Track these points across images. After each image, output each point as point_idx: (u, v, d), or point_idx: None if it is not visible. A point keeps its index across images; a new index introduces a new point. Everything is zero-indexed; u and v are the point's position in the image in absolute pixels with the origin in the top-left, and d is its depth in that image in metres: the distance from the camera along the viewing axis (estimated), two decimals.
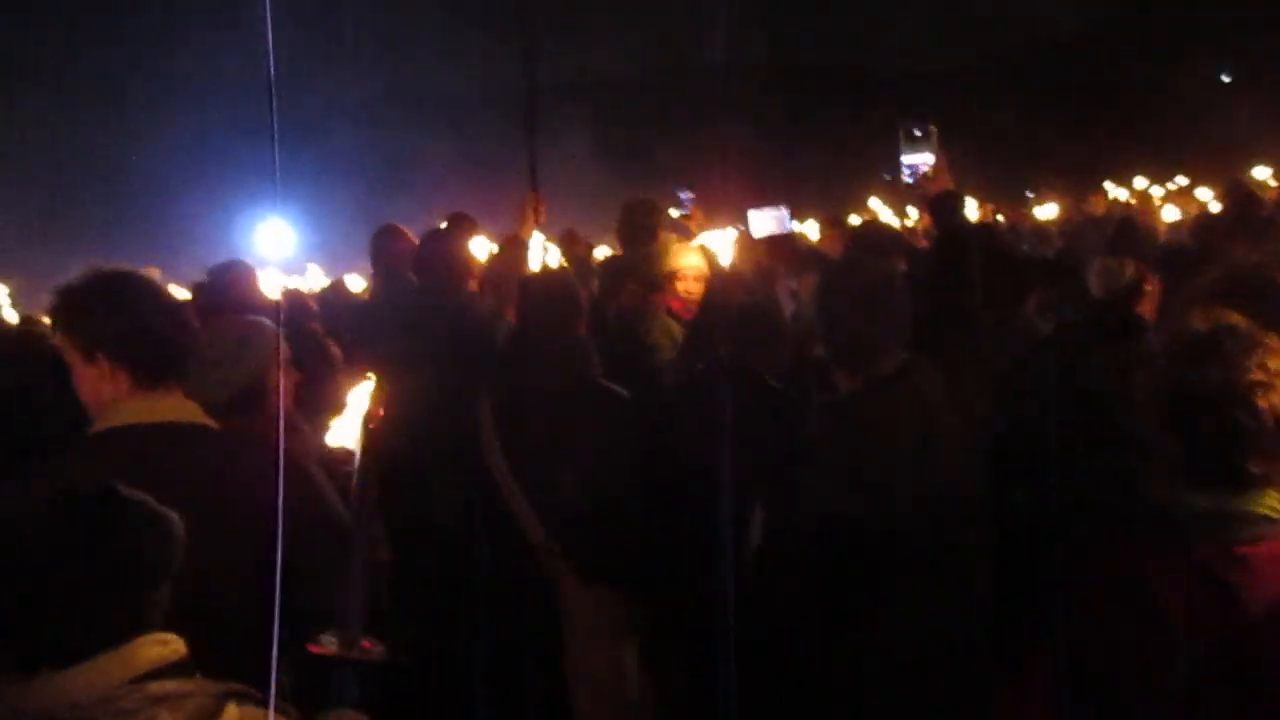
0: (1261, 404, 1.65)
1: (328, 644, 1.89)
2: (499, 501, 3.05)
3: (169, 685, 1.49)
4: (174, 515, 1.62)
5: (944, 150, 2.93)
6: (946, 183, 2.86)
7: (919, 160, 2.95)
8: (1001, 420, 2.85)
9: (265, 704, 1.52)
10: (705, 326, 3.60)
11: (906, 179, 2.98)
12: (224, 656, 1.74)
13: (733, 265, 4.63)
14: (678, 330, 4.09)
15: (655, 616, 3.13)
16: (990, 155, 20.70)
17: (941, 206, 2.83)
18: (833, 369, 2.53)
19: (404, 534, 4.02)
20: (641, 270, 4.32)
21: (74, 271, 2.33)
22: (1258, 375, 1.66)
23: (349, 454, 2.03)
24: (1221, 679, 1.63)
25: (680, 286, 4.26)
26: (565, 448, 3.04)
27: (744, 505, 2.62)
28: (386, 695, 1.99)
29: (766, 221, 4.28)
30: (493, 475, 3.07)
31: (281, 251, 8.39)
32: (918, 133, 2.96)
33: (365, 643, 1.93)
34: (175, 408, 2.21)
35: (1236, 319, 1.77)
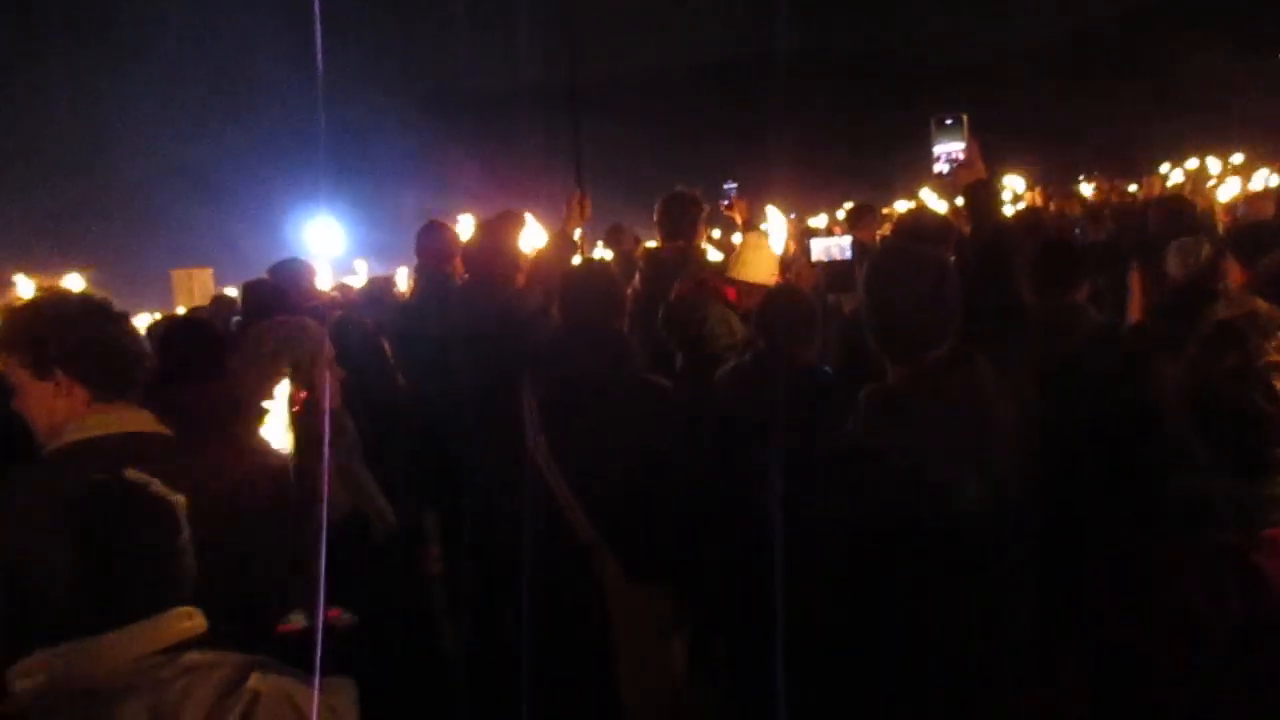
0: (1279, 386, 1.67)
1: (295, 621, 1.95)
2: (546, 499, 3.05)
3: (199, 656, 1.62)
4: (178, 497, 1.78)
5: (975, 138, 2.88)
6: (980, 171, 2.82)
7: (951, 148, 2.93)
8: (1056, 416, 2.80)
9: (286, 673, 1.66)
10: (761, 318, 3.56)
11: (940, 167, 2.95)
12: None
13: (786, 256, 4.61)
14: (736, 321, 4.08)
15: (703, 611, 3.12)
16: (1041, 139, 20.40)
17: (975, 195, 2.79)
18: (880, 359, 2.48)
19: (453, 531, 4.07)
20: (681, 263, 4.31)
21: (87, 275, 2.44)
22: (1275, 358, 1.68)
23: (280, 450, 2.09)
24: (1251, 661, 1.66)
25: (740, 273, 4.26)
26: (609, 443, 3.03)
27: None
28: (364, 661, 2.00)
29: (828, 249, 4.27)
30: (539, 472, 3.07)
31: (331, 248, 8.47)
32: (949, 121, 2.95)
33: (332, 613, 1.99)
34: (134, 419, 2.28)
35: (1261, 305, 1.78)
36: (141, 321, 7.48)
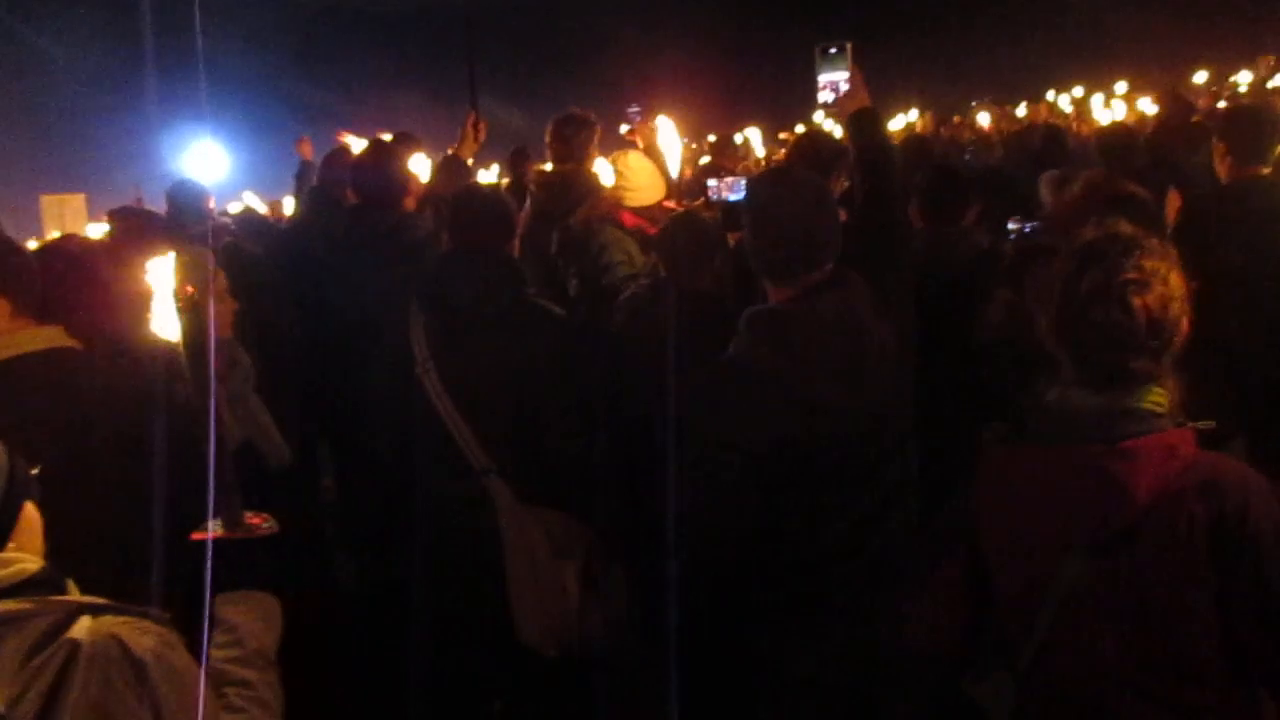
0: (1136, 302, 1.75)
1: (214, 529, 1.84)
2: (437, 425, 3.04)
3: (12, 605, 1.41)
4: None
5: (858, 66, 2.90)
6: (863, 99, 2.83)
7: (835, 77, 2.94)
8: (936, 336, 2.88)
9: (125, 613, 1.46)
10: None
11: (824, 96, 2.96)
12: (107, 568, 1.82)
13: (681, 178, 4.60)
14: (634, 247, 4.07)
15: (599, 534, 3.15)
16: (932, 66, 20.62)
17: (859, 122, 2.81)
18: (761, 281, 2.51)
19: (345, 460, 4.04)
20: (573, 185, 4.28)
21: None
22: (1132, 274, 1.75)
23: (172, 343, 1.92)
24: (1107, 568, 1.75)
25: (629, 199, 4.24)
26: (498, 368, 3.02)
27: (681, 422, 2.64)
28: (288, 566, 1.96)
29: (721, 189, 4.29)
30: (429, 398, 3.05)
31: (214, 175, 8.16)
32: (833, 50, 2.95)
33: (251, 519, 1.89)
34: (52, 334, 2.33)
35: (1124, 226, 1.85)
36: None
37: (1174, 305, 1.78)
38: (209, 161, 8.21)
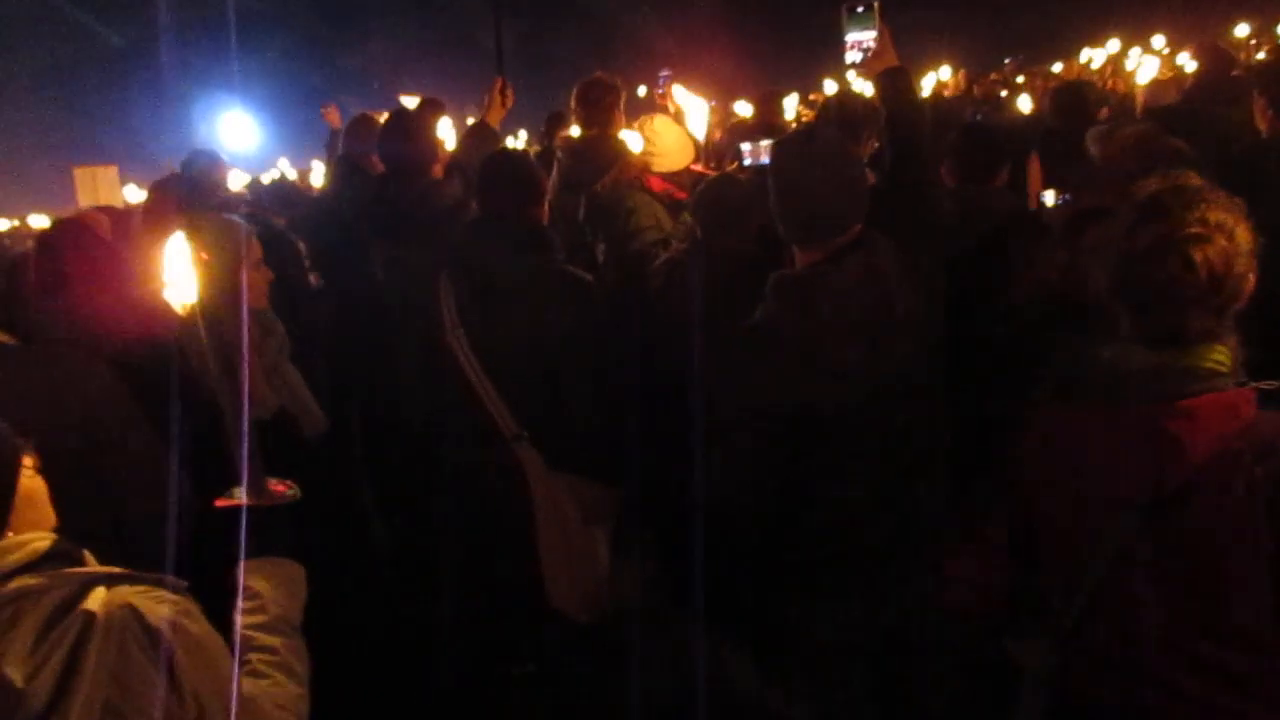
0: (1197, 256, 1.68)
1: (237, 496, 1.82)
2: (467, 391, 3.05)
3: (30, 580, 1.42)
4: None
5: (886, 25, 2.84)
6: (891, 58, 2.77)
7: (862, 37, 2.86)
8: (968, 299, 2.85)
9: (140, 581, 1.47)
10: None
11: (852, 56, 2.88)
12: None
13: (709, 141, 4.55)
14: (662, 212, 4.05)
15: (625, 500, 3.16)
16: (963, 24, 20.24)
17: (887, 82, 2.76)
18: (788, 244, 2.48)
19: (376, 428, 4.07)
20: (598, 151, 4.25)
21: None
22: (1195, 229, 1.68)
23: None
24: (1161, 529, 1.70)
25: (656, 163, 4.21)
26: (527, 334, 3.01)
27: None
28: (322, 533, 1.94)
29: (756, 152, 4.25)
30: (459, 365, 3.06)
31: (245, 144, 8.13)
32: (859, 9, 2.86)
33: (275, 486, 1.86)
34: None
35: (1190, 178, 1.78)
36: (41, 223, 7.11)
37: (1239, 261, 1.69)
38: (240, 131, 8.27)
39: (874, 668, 2.56)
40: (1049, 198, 4.17)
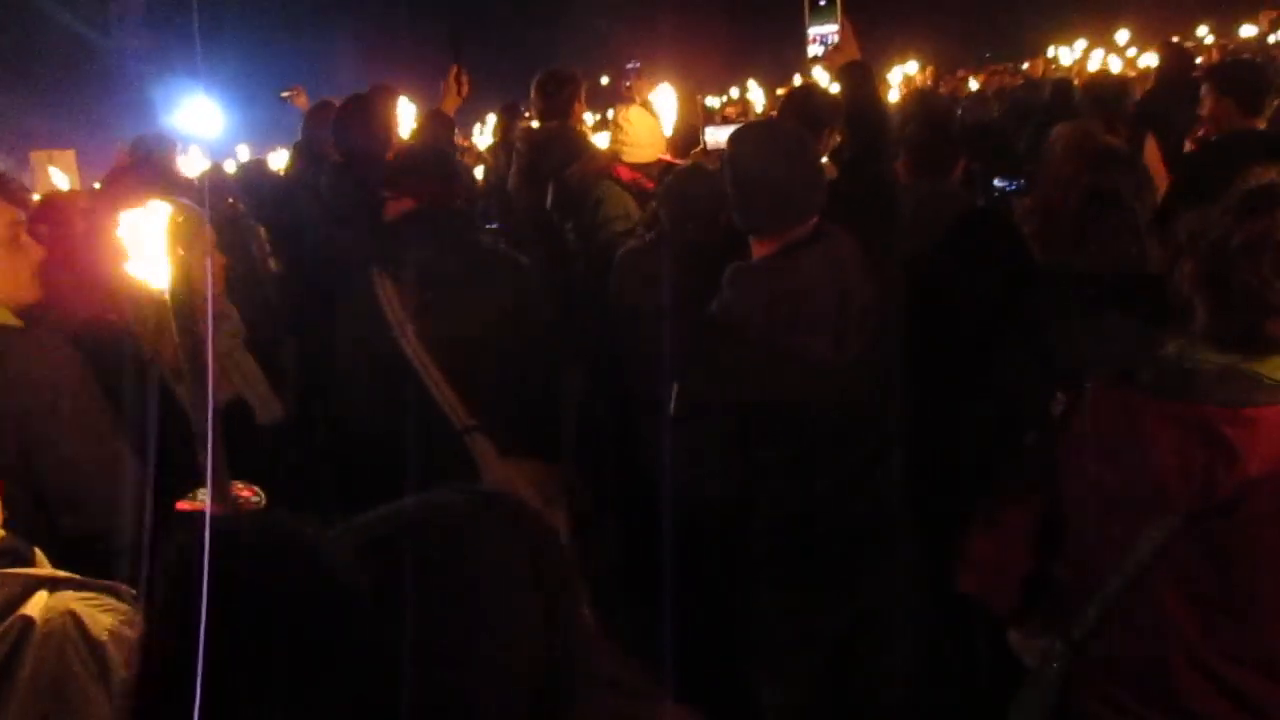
0: None
1: (200, 499, 1.76)
2: (418, 387, 3.03)
3: None
4: None
5: (849, 19, 2.84)
6: (852, 52, 2.78)
7: (825, 30, 2.87)
8: (930, 289, 2.87)
9: (86, 588, 1.40)
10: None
11: (814, 50, 2.89)
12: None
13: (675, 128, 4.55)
14: (631, 202, 4.04)
15: (580, 482, 3.20)
16: (931, 19, 20.35)
17: (849, 76, 2.77)
18: (745, 235, 2.48)
19: (332, 424, 4.03)
20: (558, 142, 4.23)
21: None
22: None
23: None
24: (1201, 535, 1.62)
25: (627, 154, 4.20)
26: (472, 321, 3.00)
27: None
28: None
29: (721, 137, 4.25)
30: (409, 361, 3.04)
31: (208, 130, 8.00)
32: (822, 2, 2.87)
33: (240, 491, 1.79)
34: None
35: None
36: None
37: None
38: (202, 117, 8.15)
39: (839, 657, 2.57)
40: (998, 183, 4.21)
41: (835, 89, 3.64)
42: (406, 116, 4.71)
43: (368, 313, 3.04)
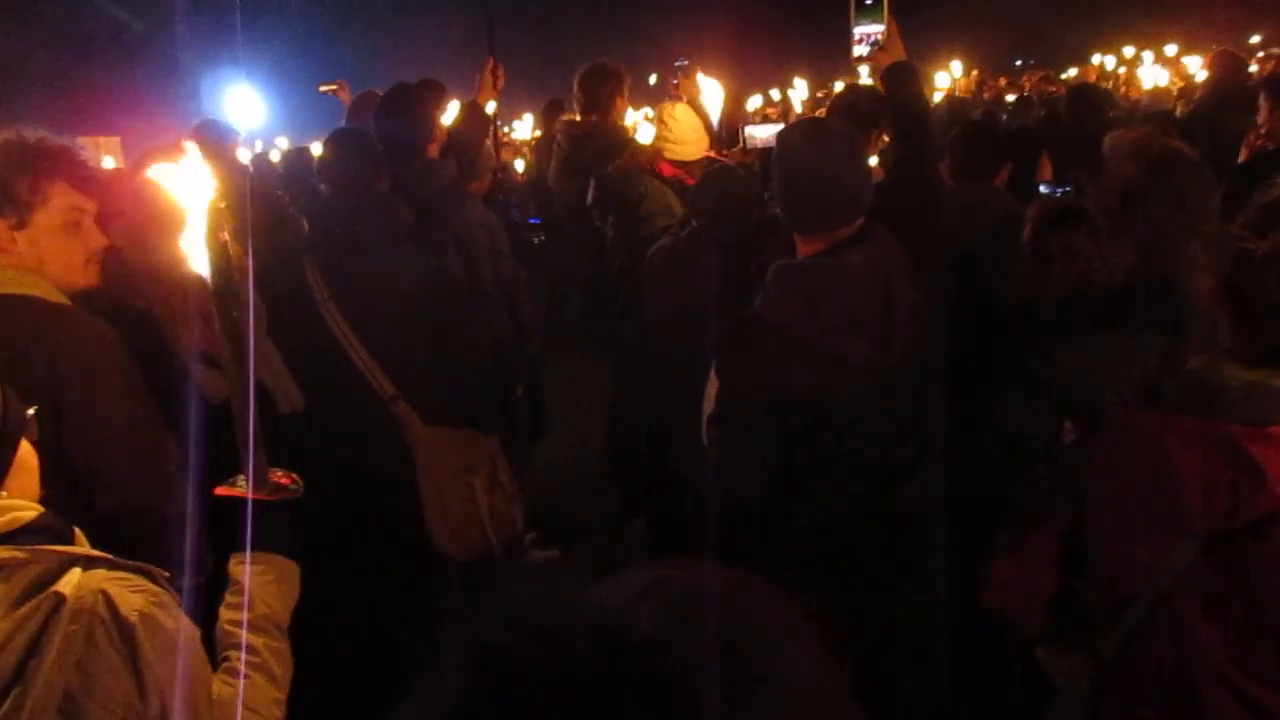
0: None
1: (239, 485, 1.73)
2: (344, 358, 3.19)
3: (5, 553, 1.35)
4: None
5: (894, 18, 2.78)
6: (898, 52, 2.72)
7: (871, 30, 2.81)
8: (964, 296, 2.83)
9: (119, 567, 1.40)
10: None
11: (859, 50, 2.83)
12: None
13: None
14: (673, 198, 4.03)
15: (499, 445, 3.38)
16: (980, 25, 20.16)
17: (893, 77, 2.71)
18: (790, 234, 2.45)
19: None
20: (598, 137, 4.21)
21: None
22: None
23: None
24: (1234, 557, 1.58)
25: (670, 150, 4.19)
26: (390, 294, 3.17)
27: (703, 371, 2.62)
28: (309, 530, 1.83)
29: (763, 135, 4.22)
30: (334, 333, 3.19)
31: (250, 120, 8.08)
32: (868, 1, 2.81)
33: (279, 478, 1.76)
34: (10, 280, 2.18)
35: None
36: None
37: None
38: (245, 107, 8.22)
39: (869, 667, 2.53)
40: (1043, 189, 4.14)
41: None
42: (451, 111, 4.72)
43: (300, 294, 3.21)
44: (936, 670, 2.58)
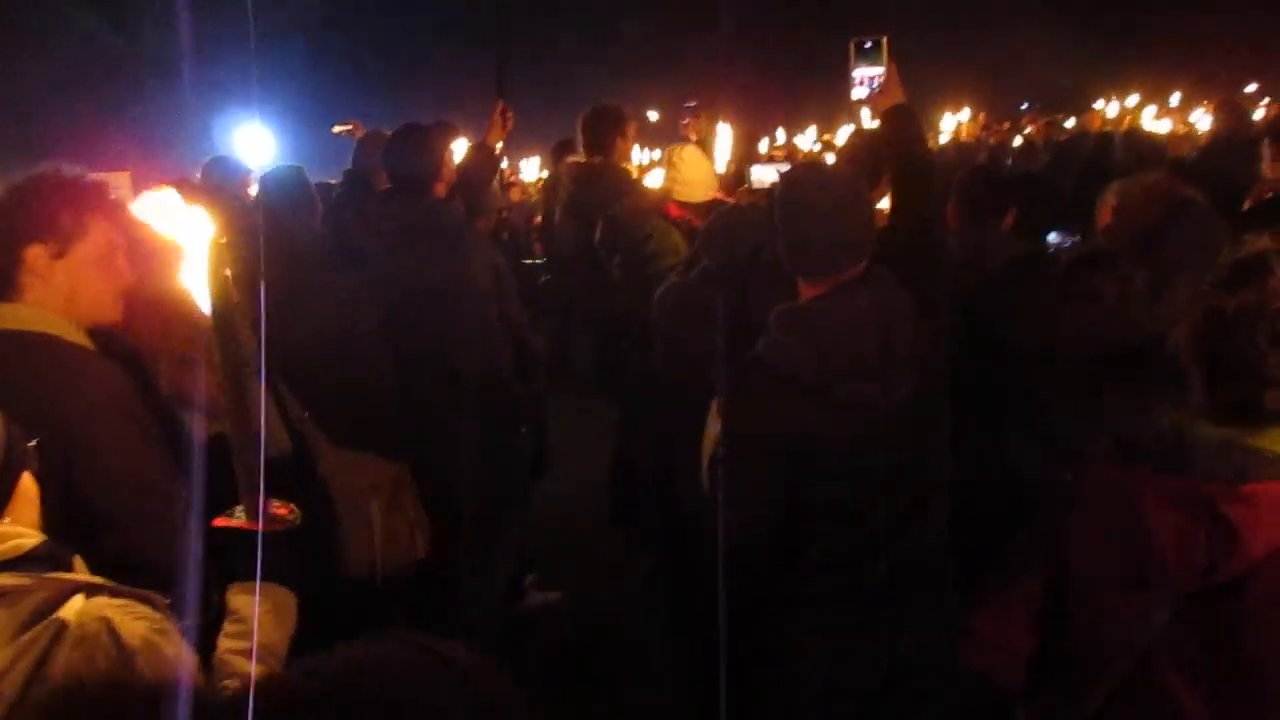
0: None
1: (237, 517, 1.72)
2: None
3: (7, 579, 1.36)
4: None
5: (894, 61, 2.80)
6: (898, 95, 2.72)
7: (871, 72, 2.82)
8: (971, 340, 2.82)
9: (121, 595, 1.41)
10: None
11: (858, 93, 2.84)
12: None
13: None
14: (679, 238, 4.04)
15: (402, 470, 3.43)
16: (986, 70, 20.35)
17: (893, 120, 2.72)
18: (792, 277, 2.45)
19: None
20: (602, 177, 4.23)
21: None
22: None
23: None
24: (1202, 617, 1.55)
25: (678, 192, 4.21)
26: (296, 328, 3.12)
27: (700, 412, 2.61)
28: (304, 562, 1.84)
29: (768, 176, 4.26)
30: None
31: (261, 157, 8.17)
32: (868, 45, 2.83)
33: (277, 509, 1.76)
34: (33, 318, 2.18)
35: None
36: None
37: None
38: (257, 145, 8.28)
39: (872, 708, 2.50)
40: (1053, 238, 4.14)
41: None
42: (459, 151, 4.77)
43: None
44: (940, 712, 2.55)
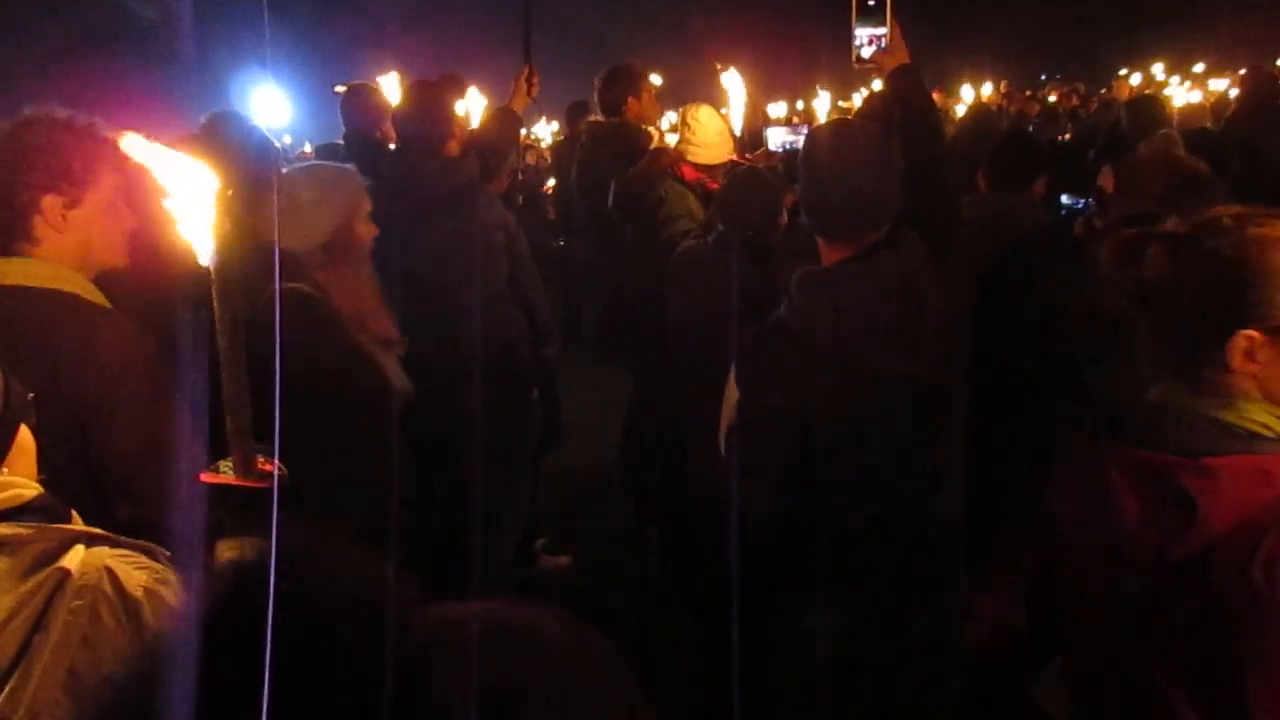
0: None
1: (225, 471, 1.70)
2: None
3: (8, 529, 1.36)
4: None
5: (897, 20, 2.70)
6: (902, 55, 2.62)
7: (875, 33, 2.73)
8: (995, 308, 2.76)
9: (122, 546, 1.41)
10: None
11: (860, 52, 2.73)
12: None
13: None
14: (694, 201, 3.98)
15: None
16: (1009, 40, 20.07)
17: (900, 80, 2.61)
18: (813, 243, 2.37)
19: None
20: (617, 138, 4.17)
21: None
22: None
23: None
24: (1173, 592, 1.49)
25: (693, 153, 4.14)
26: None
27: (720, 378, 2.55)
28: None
29: (785, 140, 4.18)
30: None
31: (275, 120, 8.09)
32: (871, 2, 2.73)
33: (264, 465, 1.73)
34: (51, 274, 2.12)
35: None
36: None
37: None
38: (271, 107, 8.23)
39: (875, 685, 2.46)
40: (1065, 200, 4.08)
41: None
42: (476, 108, 4.69)
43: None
44: (953, 692, 2.51)
